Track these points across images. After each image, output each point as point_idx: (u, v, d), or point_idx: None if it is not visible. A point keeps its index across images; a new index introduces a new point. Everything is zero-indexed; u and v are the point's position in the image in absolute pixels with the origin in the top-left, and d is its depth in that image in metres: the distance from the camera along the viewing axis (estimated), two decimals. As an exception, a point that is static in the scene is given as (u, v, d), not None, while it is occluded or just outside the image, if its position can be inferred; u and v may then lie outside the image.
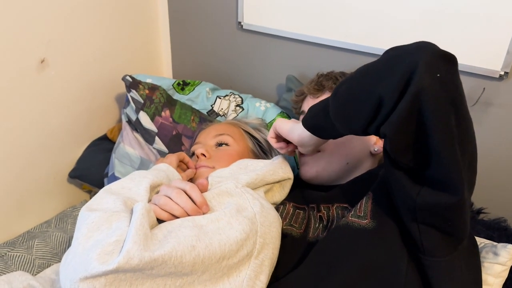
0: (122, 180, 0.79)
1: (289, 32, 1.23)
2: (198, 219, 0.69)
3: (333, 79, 1.02)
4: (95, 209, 0.69)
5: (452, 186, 0.61)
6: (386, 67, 0.64)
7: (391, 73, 0.62)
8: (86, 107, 1.28)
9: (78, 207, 1.26)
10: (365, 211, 0.75)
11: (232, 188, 0.79)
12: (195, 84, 1.32)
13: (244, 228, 0.70)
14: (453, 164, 0.60)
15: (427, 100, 0.58)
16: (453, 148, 0.60)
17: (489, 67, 1.00)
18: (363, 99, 0.65)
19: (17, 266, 1.03)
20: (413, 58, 0.60)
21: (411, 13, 1.04)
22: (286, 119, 0.89)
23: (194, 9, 1.40)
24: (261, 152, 1.06)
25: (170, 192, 0.71)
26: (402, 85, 0.60)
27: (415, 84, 0.58)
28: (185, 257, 0.62)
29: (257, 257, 0.72)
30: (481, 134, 1.08)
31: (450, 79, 0.61)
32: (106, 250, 0.59)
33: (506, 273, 0.85)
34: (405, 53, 0.63)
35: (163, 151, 1.20)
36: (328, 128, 0.74)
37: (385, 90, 0.61)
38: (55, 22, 1.12)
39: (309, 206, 0.91)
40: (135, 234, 0.60)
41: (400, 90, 0.60)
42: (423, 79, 0.58)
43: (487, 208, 1.10)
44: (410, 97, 0.58)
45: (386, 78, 0.62)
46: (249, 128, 1.09)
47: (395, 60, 0.63)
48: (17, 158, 1.13)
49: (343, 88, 0.70)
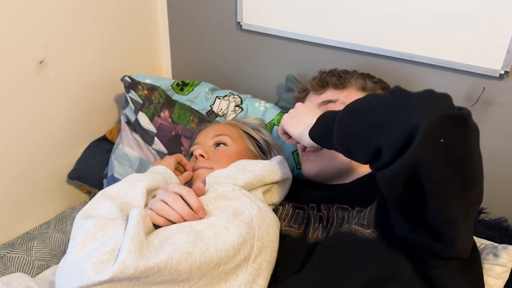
0: (119, 183, 0.79)
1: (289, 32, 1.23)
2: (195, 224, 0.68)
3: (337, 75, 1.02)
4: (90, 215, 0.68)
5: (445, 238, 0.60)
6: (389, 116, 0.61)
7: (392, 125, 0.58)
8: (85, 108, 1.28)
9: (78, 208, 1.25)
10: (369, 219, 0.75)
11: (229, 191, 0.78)
12: (194, 84, 1.32)
13: (241, 232, 0.70)
14: (449, 222, 0.59)
15: (425, 169, 0.55)
16: (451, 210, 0.57)
17: (489, 66, 1.00)
18: (363, 142, 0.63)
19: (16, 267, 1.03)
20: (416, 118, 0.55)
21: (411, 12, 1.04)
22: (293, 117, 0.88)
23: (193, 9, 1.40)
24: (260, 152, 1.06)
25: (167, 197, 0.71)
26: (401, 144, 0.56)
27: (414, 151, 0.54)
28: (181, 264, 0.62)
29: (254, 261, 0.72)
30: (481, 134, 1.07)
31: (458, 142, 0.56)
32: (101, 259, 0.59)
33: (507, 274, 0.85)
34: (410, 107, 0.59)
35: (162, 152, 1.20)
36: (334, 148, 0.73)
37: (384, 143, 0.59)
38: (54, 23, 1.12)
39: (309, 206, 0.91)
40: (130, 243, 0.60)
41: (398, 149, 0.57)
42: (423, 147, 0.54)
43: (488, 208, 1.10)
44: (407, 161, 0.55)
45: (387, 129, 0.59)
46: (248, 128, 1.08)
47: (400, 111, 0.60)
48: (16, 159, 1.13)
49: (347, 121, 0.67)
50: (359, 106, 0.68)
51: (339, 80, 1.00)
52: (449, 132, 0.55)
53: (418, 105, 0.58)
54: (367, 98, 0.68)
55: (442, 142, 0.54)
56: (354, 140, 0.65)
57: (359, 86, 1.00)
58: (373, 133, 0.61)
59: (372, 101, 0.67)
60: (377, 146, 0.60)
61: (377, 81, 1.04)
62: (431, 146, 0.54)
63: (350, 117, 0.67)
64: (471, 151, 0.58)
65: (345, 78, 1.01)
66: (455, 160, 0.56)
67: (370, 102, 0.67)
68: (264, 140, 1.08)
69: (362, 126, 0.64)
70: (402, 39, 1.08)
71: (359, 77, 1.03)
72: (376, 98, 0.67)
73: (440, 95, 0.60)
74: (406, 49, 1.08)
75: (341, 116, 0.68)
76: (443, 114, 0.55)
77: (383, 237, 0.71)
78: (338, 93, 1.00)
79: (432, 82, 1.09)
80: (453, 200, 0.57)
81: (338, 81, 1.00)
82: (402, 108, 0.60)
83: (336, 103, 0.98)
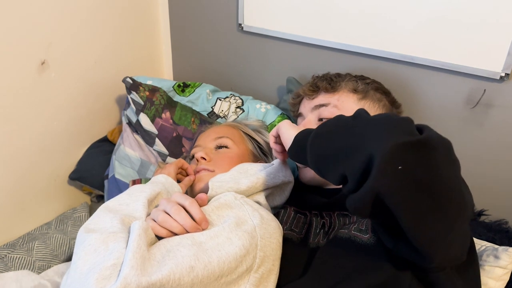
0: (119, 196, 0.79)
1: (290, 34, 1.23)
2: (197, 235, 0.68)
3: (328, 79, 1.03)
4: (92, 229, 0.68)
5: (424, 254, 0.59)
6: (349, 143, 0.61)
7: (352, 153, 0.59)
8: (86, 109, 1.28)
9: (79, 209, 1.26)
10: (367, 225, 0.75)
11: (231, 200, 0.78)
12: (196, 86, 1.32)
13: (244, 244, 0.70)
14: (425, 240, 0.58)
15: (386, 198, 0.54)
16: (425, 229, 0.57)
17: (489, 68, 1.00)
18: (330, 167, 0.63)
19: (17, 267, 1.03)
20: (371, 147, 0.56)
21: (412, 15, 1.04)
22: (293, 126, 0.85)
23: (194, 11, 1.40)
24: (261, 154, 1.06)
25: (170, 208, 0.71)
26: (360, 173, 0.56)
27: (372, 182, 0.54)
28: (183, 279, 0.62)
29: (256, 271, 0.72)
30: (482, 136, 1.08)
31: (419, 167, 0.55)
32: (104, 274, 0.59)
33: (507, 276, 0.85)
34: (367, 134, 0.59)
35: (163, 153, 1.20)
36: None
37: (347, 171, 0.59)
38: (56, 24, 1.13)
39: (312, 213, 0.91)
40: (132, 258, 0.60)
41: (358, 177, 0.57)
42: (380, 178, 0.54)
43: (488, 210, 1.10)
44: (368, 190, 0.55)
45: (348, 157, 0.59)
46: (249, 130, 1.09)
47: (358, 139, 0.60)
48: (17, 160, 1.13)
49: (316, 143, 0.68)
50: (326, 130, 0.68)
51: (330, 84, 1.01)
52: (407, 159, 0.54)
53: (375, 133, 0.58)
54: (333, 121, 0.69)
55: (400, 169, 0.53)
56: (323, 164, 0.66)
57: (350, 88, 1.00)
58: (337, 159, 0.62)
59: (337, 125, 0.67)
60: (342, 172, 0.60)
61: (369, 82, 1.04)
62: (388, 175, 0.54)
63: (319, 140, 0.68)
64: (438, 170, 0.56)
65: (336, 81, 1.02)
66: (419, 183, 0.54)
67: (335, 125, 0.67)
68: (265, 141, 1.08)
69: (327, 151, 0.65)
70: (403, 42, 1.08)
71: (351, 79, 1.03)
72: (340, 121, 0.67)
73: (398, 120, 0.60)
74: (407, 51, 1.08)
75: (312, 138, 0.69)
76: (398, 142, 0.54)
77: (381, 243, 0.71)
78: (329, 96, 1.01)
79: (433, 85, 1.09)
80: (425, 220, 0.56)
81: (329, 85, 1.01)
82: (361, 135, 0.60)
83: (328, 107, 0.99)
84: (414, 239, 0.57)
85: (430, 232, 0.57)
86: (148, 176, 1.19)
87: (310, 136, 0.69)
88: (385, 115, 0.63)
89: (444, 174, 0.57)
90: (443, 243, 0.59)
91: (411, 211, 0.55)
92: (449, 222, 0.58)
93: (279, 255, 0.79)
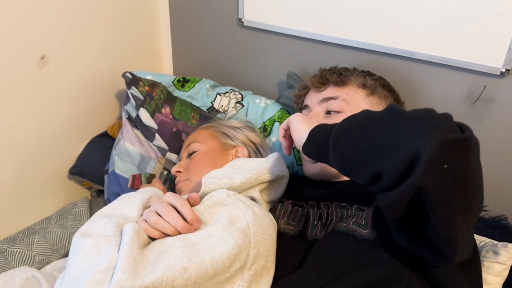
0: (113, 202, 0.80)
1: (290, 29, 1.23)
2: (190, 236, 0.68)
3: (337, 73, 1.02)
4: (86, 233, 0.69)
5: (445, 253, 0.59)
6: (389, 140, 0.59)
7: (393, 150, 0.57)
8: (86, 104, 1.28)
9: (79, 204, 1.26)
10: (366, 219, 0.74)
11: (223, 197, 0.78)
12: (195, 81, 1.32)
13: (237, 242, 0.69)
14: (451, 239, 0.58)
15: (429, 195, 0.54)
16: (454, 227, 0.57)
17: (490, 64, 1.00)
18: (362, 165, 0.61)
19: (17, 262, 1.03)
20: (418, 143, 0.54)
21: (412, 10, 1.04)
22: (304, 120, 0.82)
23: (194, 5, 1.40)
24: (235, 140, 1.06)
25: (161, 209, 0.71)
26: (402, 170, 0.55)
27: (417, 179, 0.53)
28: (176, 280, 0.62)
29: (250, 268, 0.72)
30: (482, 132, 1.08)
31: (460, 165, 0.55)
32: (96, 278, 0.59)
33: (506, 272, 0.85)
34: (411, 130, 0.57)
35: (163, 148, 1.20)
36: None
37: (384, 168, 0.57)
38: (56, 18, 1.12)
39: (308, 204, 0.91)
40: (124, 262, 0.60)
41: (399, 175, 0.55)
42: (426, 174, 0.53)
43: (487, 206, 1.10)
44: (410, 187, 0.54)
45: (387, 154, 0.57)
46: (222, 126, 1.10)
47: (400, 136, 0.58)
48: (17, 155, 1.13)
49: (343, 141, 0.65)
50: (354, 125, 0.65)
51: (339, 77, 1.00)
52: (452, 157, 0.54)
53: (419, 129, 0.56)
54: (362, 117, 0.66)
55: (445, 167, 0.53)
56: (352, 162, 0.64)
57: (359, 83, 1.00)
58: (373, 157, 0.59)
59: (368, 121, 0.64)
60: (377, 170, 0.58)
61: (377, 78, 1.04)
62: (434, 173, 0.53)
63: (346, 137, 0.65)
64: (473, 170, 0.57)
65: (346, 75, 1.01)
66: (458, 181, 0.55)
67: (367, 121, 0.64)
68: (235, 127, 1.09)
69: (360, 149, 0.62)
70: (403, 37, 1.08)
71: (359, 74, 1.03)
72: (372, 118, 0.64)
73: (441, 116, 0.59)
74: (407, 46, 1.08)
75: (336, 134, 0.66)
76: (445, 139, 0.54)
77: (381, 238, 0.71)
78: (338, 90, 1.00)
79: (433, 80, 1.09)
80: (455, 218, 0.57)
81: (339, 78, 1.00)
82: (402, 131, 0.58)
83: (337, 100, 0.98)
84: (439, 236, 0.57)
85: (456, 231, 0.57)
86: (147, 172, 1.20)
87: (334, 132, 0.66)
88: (424, 110, 0.60)
89: (476, 174, 0.58)
90: (462, 241, 0.59)
91: (446, 209, 0.55)
92: (470, 221, 0.59)
93: (272, 251, 0.79)
